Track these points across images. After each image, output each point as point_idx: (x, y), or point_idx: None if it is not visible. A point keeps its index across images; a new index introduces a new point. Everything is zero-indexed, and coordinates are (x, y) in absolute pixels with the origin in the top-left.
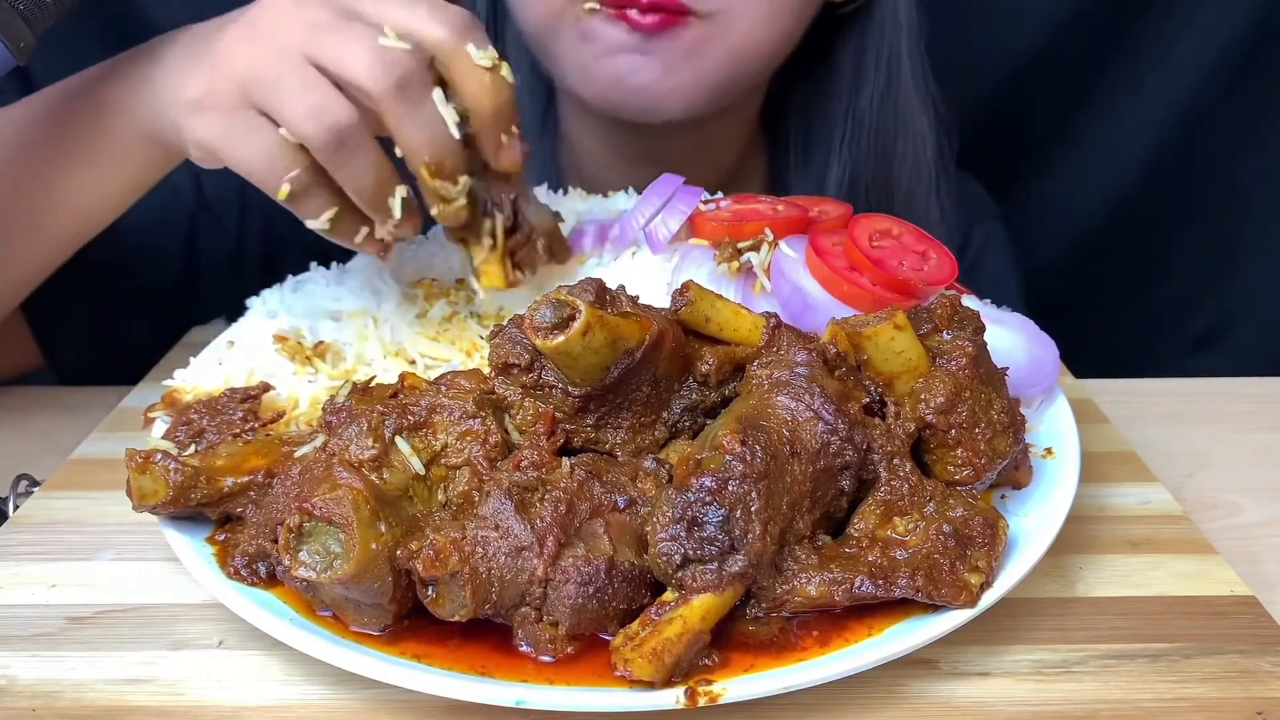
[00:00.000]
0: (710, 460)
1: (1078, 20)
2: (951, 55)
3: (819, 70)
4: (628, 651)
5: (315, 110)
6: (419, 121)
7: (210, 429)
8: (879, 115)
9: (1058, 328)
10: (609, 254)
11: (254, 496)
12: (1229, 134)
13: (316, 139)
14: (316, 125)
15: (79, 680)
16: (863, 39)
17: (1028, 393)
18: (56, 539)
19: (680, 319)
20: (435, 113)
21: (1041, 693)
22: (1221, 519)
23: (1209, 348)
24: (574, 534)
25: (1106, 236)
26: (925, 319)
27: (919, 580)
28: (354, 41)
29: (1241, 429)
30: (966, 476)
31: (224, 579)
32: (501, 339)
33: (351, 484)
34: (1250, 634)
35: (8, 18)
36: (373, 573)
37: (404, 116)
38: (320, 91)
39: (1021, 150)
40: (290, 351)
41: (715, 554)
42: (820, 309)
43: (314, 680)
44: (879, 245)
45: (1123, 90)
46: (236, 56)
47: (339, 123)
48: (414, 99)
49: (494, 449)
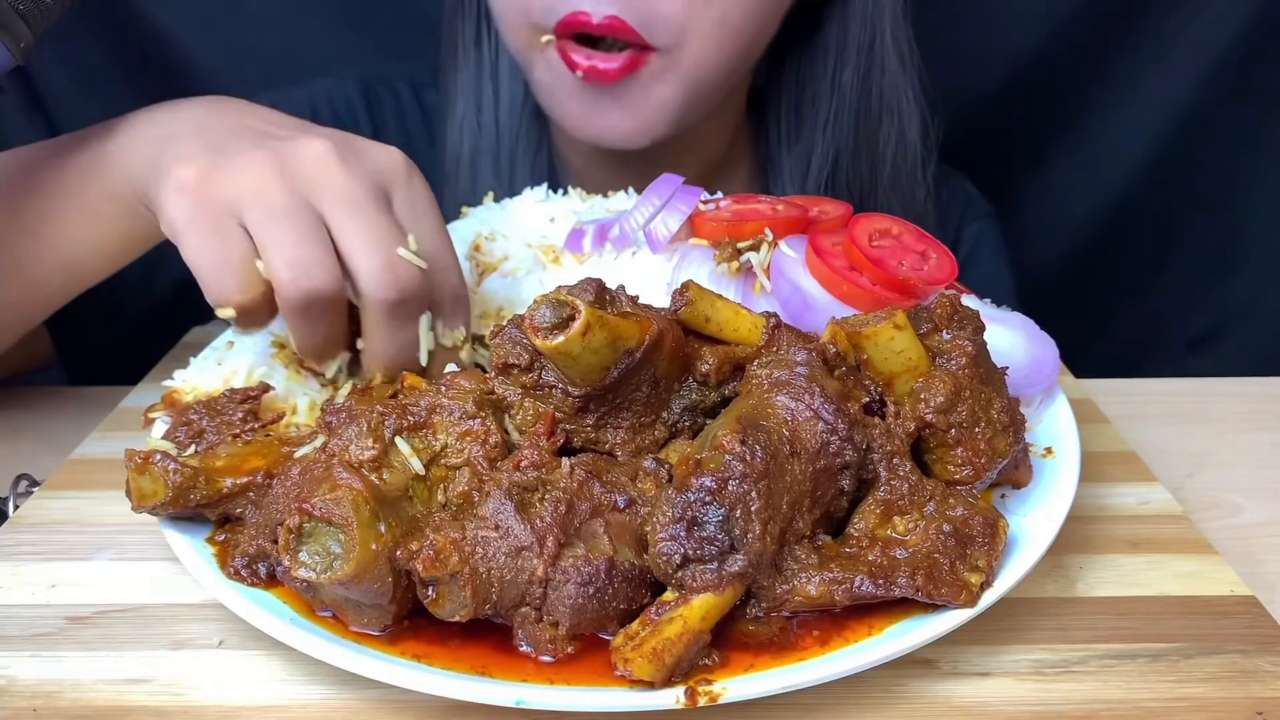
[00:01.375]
0: (710, 460)
1: (1078, 20)
2: (951, 55)
3: (803, 50)
4: (628, 651)
5: (303, 265)
6: (396, 339)
7: (210, 429)
8: (863, 94)
9: (1057, 327)
10: (609, 254)
11: (254, 497)
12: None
13: (288, 293)
14: (296, 281)
15: (79, 680)
16: (846, 17)
17: (1028, 392)
18: (56, 539)
19: (680, 319)
20: (414, 336)
21: (1041, 693)
22: (1221, 519)
23: (1209, 348)
24: (574, 534)
25: (1106, 236)
26: (925, 319)
27: (919, 580)
28: (375, 236)
29: (1241, 429)
30: (966, 476)
31: (224, 579)
32: (501, 339)
33: (351, 484)
34: (1250, 634)
35: (8, 18)
36: (373, 573)
37: (384, 328)
38: (316, 249)
39: (1021, 150)
40: (287, 359)
41: (715, 554)
42: (820, 309)
43: (314, 680)
44: (879, 245)
45: (1123, 90)
46: (252, 172)
47: (318, 290)
48: (402, 318)
49: (494, 449)
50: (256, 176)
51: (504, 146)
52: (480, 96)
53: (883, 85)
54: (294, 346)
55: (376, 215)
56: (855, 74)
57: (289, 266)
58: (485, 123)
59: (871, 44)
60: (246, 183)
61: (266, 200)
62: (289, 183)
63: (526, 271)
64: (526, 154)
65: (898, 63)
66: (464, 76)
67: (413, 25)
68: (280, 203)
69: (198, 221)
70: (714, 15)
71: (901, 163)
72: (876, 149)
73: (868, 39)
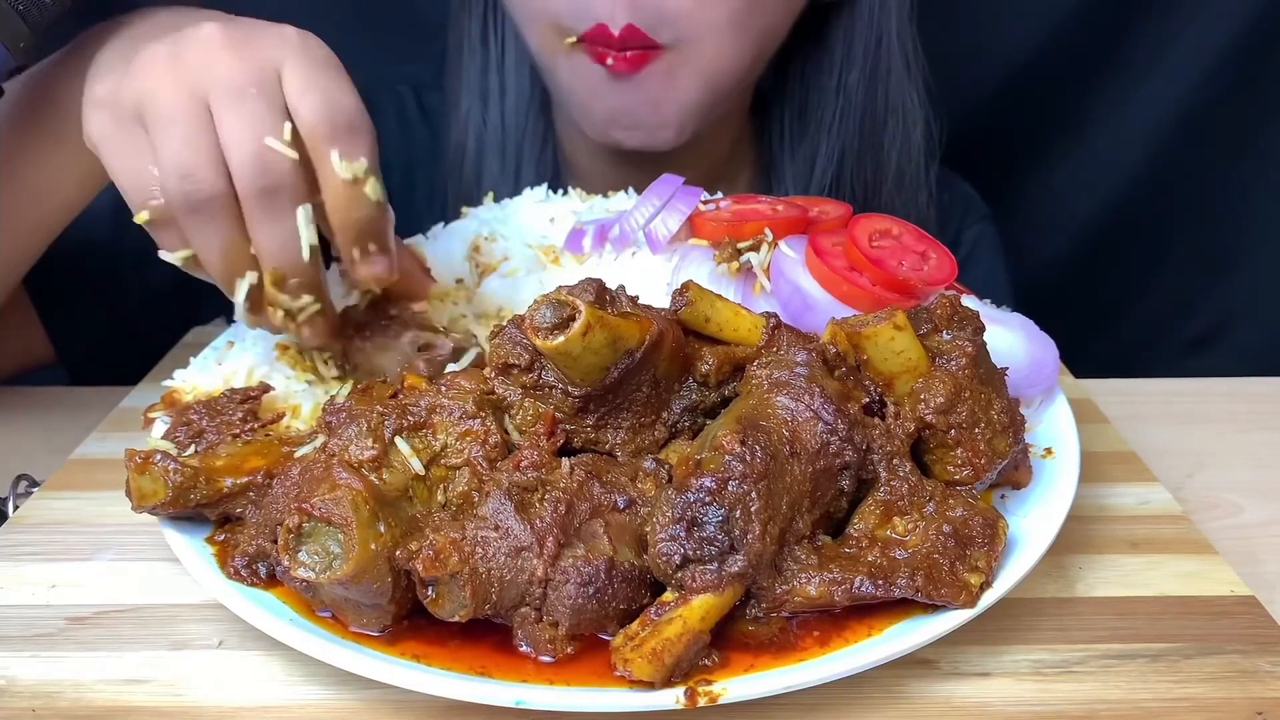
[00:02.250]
0: (710, 460)
1: (1077, 20)
2: (951, 55)
3: (809, 52)
4: (628, 651)
5: (184, 168)
6: (274, 231)
7: (210, 429)
8: (868, 96)
9: (1057, 328)
10: (609, 254)
11: (254, 497)
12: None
13: (173, 195)
14: (179, 183)
15: (79, 680)
16: (852, 20)
17: (1028, 393)
18: (56, 539)
19: (680, 319)
20: (293, 229)
21: (1041, 693)
22: (1221, 519)
23: (1209, 348)
24: (574, 534)
25: (1106, 236)
26: (925, 319)
27: (919, 580)
28: (247, 127)
29: (1241, 429)
30: (966, 476)
31: (224, 579)
32: (501, 339)
33: (351, 484)
34: (1250, 634)
35: (8, 17)
36: (372, 573)
37: (260, 221)
38: (197, 152)
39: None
40: (292, 361)
41: (715, 554)
42: (820, 309)
43: (314, 680)
44: (879, 245)
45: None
46: (148, 74)
47: (199, 191)
48: (275, 209)
49: (494, 449)
50: (151, 76)
51: (509, 143)
52: (486, 93)
53: (888, 88)
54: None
55: (253, 102)
56: (861, 77)
57: (171, 173)
58: (491, 119)
59: (877, 47)
60: (143, 84)
61: (156, 103)
62: (179, 78)
63: (526, 272)
64: (532, 150)
65: (903, 66)
66: (470, 73)
67: (413, 27)
68: (167, 104)
69: (110, 133)
70: (726, 12)
71: (905, 166)
72: (881, 152)
73: (874, 42)
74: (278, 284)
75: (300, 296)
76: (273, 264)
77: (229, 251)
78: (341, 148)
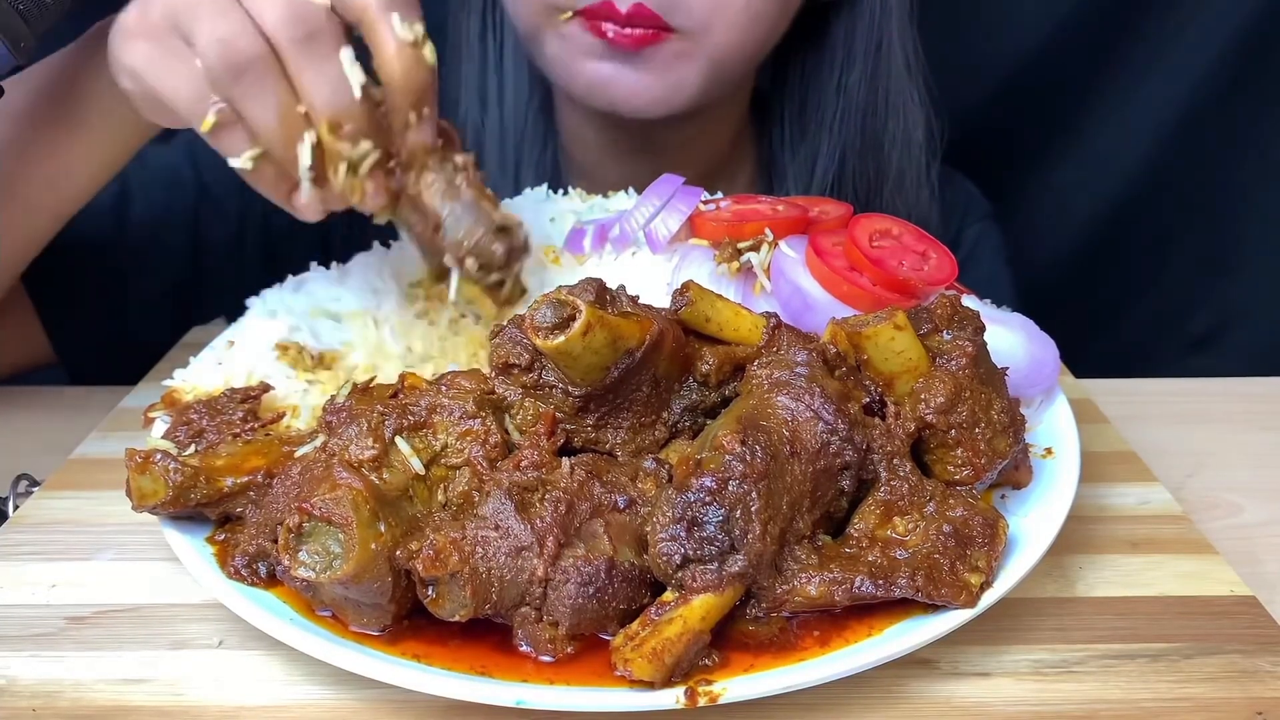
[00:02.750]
0: (710, 460)
1: (1077, 20)
2: (951, 55)
3: (810, 52)
4: (628, 651)
5: (220, 39)
6: (320, 77)
7: (210, 429)
8: (869, 96)
9: (1057, 327)
10: (609, 254)
11: (254, 496)
12: (1229, 134)
13: (216, 69)
14: (218, 54)
15: (79, 680)
16: (853, 20)
17: (1028, 393)
18: (56, 539)
19: (680, 319)
20: (339, 70)
21: (1041, 693)
22: (1221, 519)
23: (1209, 348)
24: (574, 534)
25: (1106, 236)
26: (925, 319)
27: (919, 580)
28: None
29: (1241, 429)
30: (966, 476)
31: (224, 579)
32: (501, 339)
33: (351, 484)
34: (1250, 634)
35: (8, 17)
36: (372, 573)
37: (305, 69)
38: (230, 22)
39: (1021, 150)
40: (293, 360)
41: (715, 554)
42: (820, 309)
43: (314, 680)
44: (879, 245)
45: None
46: None
47: (240, 54)
48: (319, 54)
49: (494, 449)
50: None
51: (509, 143)
52: (485, 93)
53: (889, 88)
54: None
55: None
56: (862, 77)
57: (210, 49)
58: (490, 119)
59: (878, 47)
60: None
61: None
62: None
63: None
64: (532, 150)
65: (904, 65)
66: (468, 72)
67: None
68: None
69: (149, 54)
70: (740, 1)
71: (906, 165)
72: (882, 152)
73: (875, 42)
74: (335, 132)
75: (359, 143)
76: (327, 112)
77: (283, 114)
78: (400, 11)
